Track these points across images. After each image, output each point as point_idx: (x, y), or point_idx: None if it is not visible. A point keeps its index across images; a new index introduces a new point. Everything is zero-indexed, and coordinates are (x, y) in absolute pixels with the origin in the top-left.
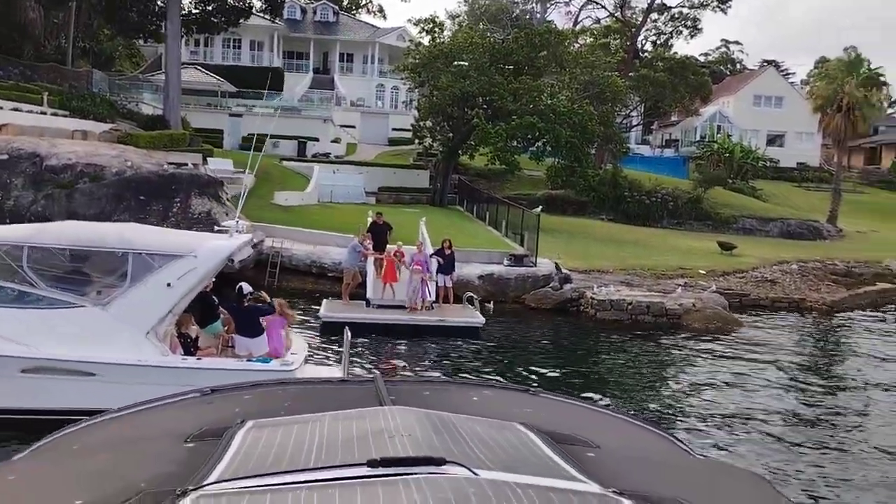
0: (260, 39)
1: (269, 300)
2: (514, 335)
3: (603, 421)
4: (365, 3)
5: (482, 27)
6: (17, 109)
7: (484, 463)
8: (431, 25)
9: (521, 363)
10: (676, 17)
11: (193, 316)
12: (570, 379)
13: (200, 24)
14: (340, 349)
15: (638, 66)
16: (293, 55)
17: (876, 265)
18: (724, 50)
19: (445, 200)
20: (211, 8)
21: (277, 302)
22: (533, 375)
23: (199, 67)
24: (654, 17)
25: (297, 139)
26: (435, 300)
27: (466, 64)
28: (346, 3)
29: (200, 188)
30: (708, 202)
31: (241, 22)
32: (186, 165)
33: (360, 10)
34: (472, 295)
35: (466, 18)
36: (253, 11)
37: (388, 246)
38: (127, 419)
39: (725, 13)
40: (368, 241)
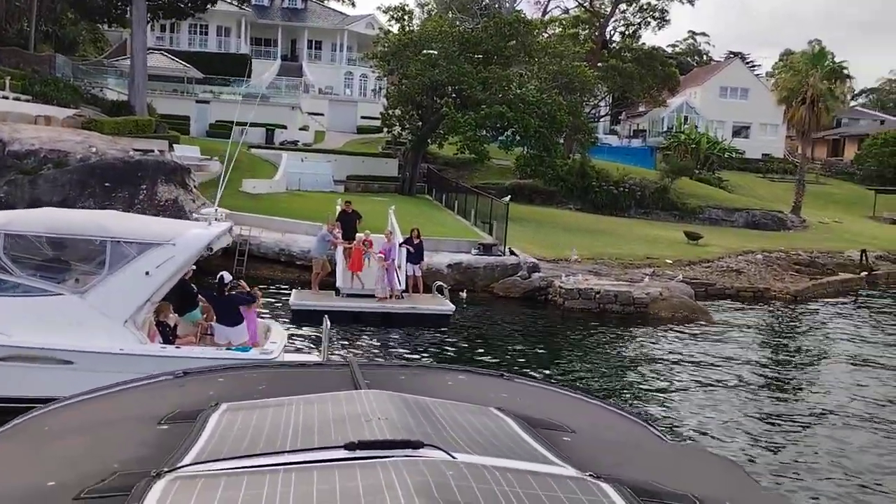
0: (227, 25)
1: (248, 289)
2: (483, 323)
3: (578, 406)
4: None
5: (451, 16)
6: None
7: (461, 446)
8: (401, 13)
9: (491, 351)
10: (644, 7)
11: (172, 304)
12: (540, 366)
13: (167, 9)
14: (312, 337)
15: (606, 56)
16: (261, 42)
17: (838, 255)
18: (691, 41)
19: (414, 189)
20: None
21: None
22: (503, 363)
23: (165, 53)
24: (622, 7)
25: (265, 126)
26: (405, 289)
27: (436, 52)
28: None
29: (167, 175)
30: (675, 192)
31: (207, 7)
32: (153, 152)
33: None
34: (441, 283)
35: (436, 7)
36: None
37: (357, 235)
38: (98, 401)
39: (693, 4)
40: (337, 229)
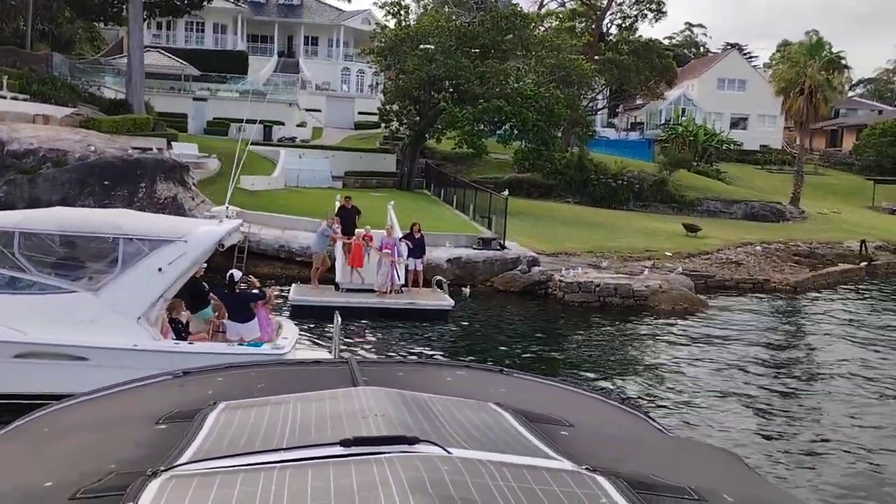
0: (223, 22)
1: (259, 286)
2: (483, 318)
3: (576, 400)
4: None
5: (448, 10)
6: None
7: (458, 442)
8: (397, 8)
9: (491, 345)
10: (641, 0)
11: (184, 302)
12: (540, 360)
13: (163, 6)
14: (312, 332)
15: (603, 49)
16: (257, 38)
17: (838, 246)
18: (688, 33)
19: (412, 184)
20: None
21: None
22: (503, 357)
23: (161, 51)
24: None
25: (262, 123)
26: (405, 284)
27: (432, 47)
28: None
29: (166, 173)
30: (673, 185)
31: (203, 4)
32: (151, 150)
33: None
34: (441, 278)
35: (432, 2)
36: None
37: (356, 230)
38: (97, 402)
39: None
40: (337, 224)
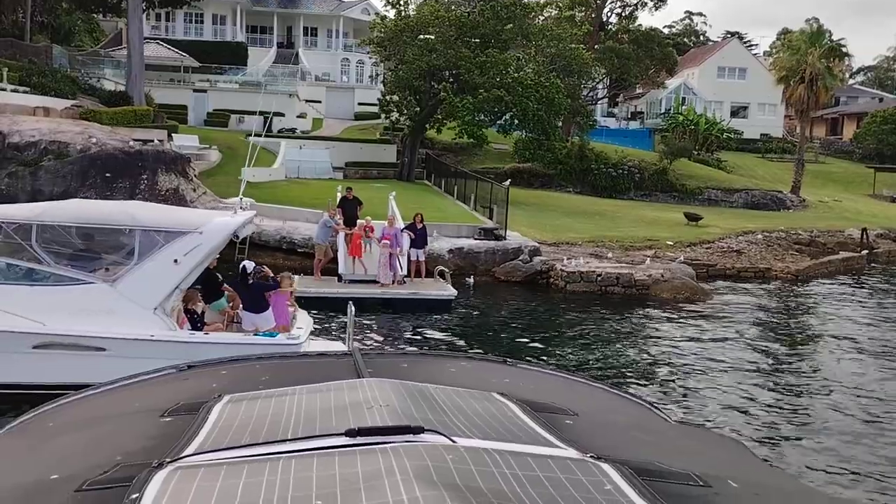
0: (222, 13)
1: (272, 276)
2: (485, 308)
3: (580, 390)
4: None
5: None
6: None
7: (462, 431)
8: None
9: (493, 335)
10: None
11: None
12: (543, 350)
13: None
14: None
15: (603, 38)
16: (256, 29)
17: (839, 234)
18: (688, 21)
19: (413, 175)
20: None
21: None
22: (506, 347)
23: (161, 42)
24: None
25: (262, 114)
26: (407, 274)
27: (432, 37)
28: None
29: (167, 165)
30: (673, 174)
31: None
32: (152, 142)
33: None
34: (443, 268)
35: None
36: None
37: (357, 221)
38: (103, 396)
39: None
40: (339, 216)
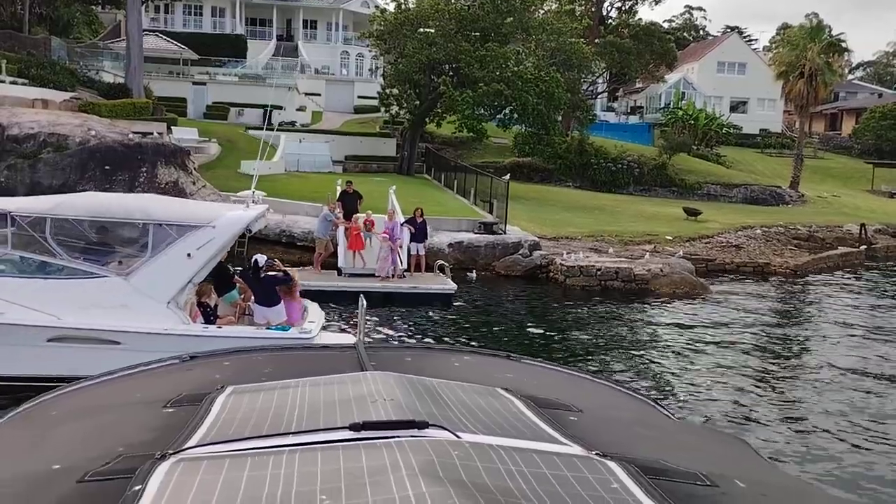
0: (221, 6)
1: (284, 270)
2: (485, 302)
3: (584, 386)
4: None
5: None
6: None
7: (467, 426)
8: None
9: (494, 329)
10: None
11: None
12: (543, 344)
13: None
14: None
15: (603, 32)
16: (256, 22)
17: (837, 229)
18: (687, 16)
19: (413, 169)
20: None
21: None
22: (506, 341)
23: (160, 35)
24: None
25: (261, 107)
26: (407, 268)
27: (432, 31)
28: None
29: (166, 157)
30: (673, 169)
31: None
32: (151, 134)
33: None
34: (443, 262)
35: None
36: None
37: (357, 214)
38: (105, 386)
39: None
40: (339, 209)
